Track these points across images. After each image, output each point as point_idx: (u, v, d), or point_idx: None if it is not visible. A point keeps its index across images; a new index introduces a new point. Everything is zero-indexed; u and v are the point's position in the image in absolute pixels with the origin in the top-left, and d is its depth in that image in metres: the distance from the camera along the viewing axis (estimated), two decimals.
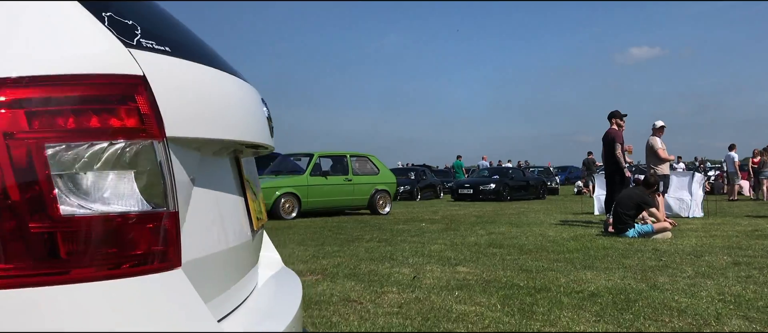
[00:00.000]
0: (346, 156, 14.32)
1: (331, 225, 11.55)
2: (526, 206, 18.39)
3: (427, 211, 16.04)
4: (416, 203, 21.08)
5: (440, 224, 11.68)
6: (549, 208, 17.08)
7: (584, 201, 21.41)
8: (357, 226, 11.44)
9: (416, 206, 18.86)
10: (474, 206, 18.54)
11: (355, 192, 14.12)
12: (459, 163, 28.00)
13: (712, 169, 32.40)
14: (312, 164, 13.55)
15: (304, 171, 13.45)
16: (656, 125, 11.58)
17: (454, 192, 22.97)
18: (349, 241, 8.73)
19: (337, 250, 7.68)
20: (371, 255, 7.12)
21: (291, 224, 11.63)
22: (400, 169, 25.63)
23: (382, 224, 11.71)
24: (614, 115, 10.90)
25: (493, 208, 17.29)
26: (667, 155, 11.40)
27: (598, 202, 14.26)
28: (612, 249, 7.61)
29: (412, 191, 23.33)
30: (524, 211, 16.05)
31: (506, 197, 22.34)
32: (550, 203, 20.27)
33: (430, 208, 17.92)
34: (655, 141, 11.37)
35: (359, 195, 14.22)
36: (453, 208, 17.52)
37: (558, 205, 18.65)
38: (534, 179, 24.37)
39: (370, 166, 14.84)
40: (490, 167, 25.69)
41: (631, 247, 7.86)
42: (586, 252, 7.32)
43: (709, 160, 41.40)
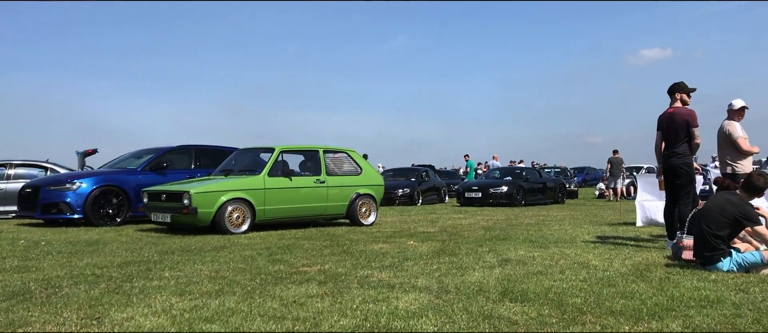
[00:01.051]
0: (318, 151, 11.06)
1: (283, 244, 8.29)
2: (544, 213, 15.06)
3: (423, 221, 12.76)
4: (415, 209, 17.77)
5: (434, 242, 8.40)
6: (575, 217, 13.72)
7: (612, 206, 18.00)
8: (317, 245, 8.18)
9: (413, 213, 15.57)
10: (482, 213, 15.24)
11: (329, 197, 10.86)
12: (470, 163, 24.83)
13: None
14: (272, 161, 10.30)
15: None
16: (734, 106, 8.20)
17: (460, 195, 19.65)
18: (277, 280, 5.44)
19: (229, 308, 4.41)
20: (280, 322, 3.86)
21: (228, 243, 8.38)
22: (399, 169, 22.36)
23: (354, 243, 8.45)
24: (680, 89, 7.59)
25: (506, 217, 13.96)
26: (750, 146, 8.02)
27: (642, 209, 10.91)
28: (714, 299, 4.30)
29: (413, 195, 20.05)
30: (544, 220, 12.72)
31: (520, 201, 18.99)
32: (573, 209, 16.92)
33: (430, 215, 14.64)
34: (734, 127, 8.00)
35: (335, 201, 10.95)
36: (457, 217, 14.21)
37: (584, 212, 15.29)
38: (551, 181, 20.99)
39: (349, 165, 11.56)
40: (502, 167, 22.33)
41: (744, 292, 4.55)
42: (674, 307, 4.02)
43: None
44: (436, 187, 21.87)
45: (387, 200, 19.86)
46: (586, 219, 13.07)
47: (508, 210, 16.79)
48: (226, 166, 10.89)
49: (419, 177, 21.09)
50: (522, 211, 16.42)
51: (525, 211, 16.43)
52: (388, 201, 19.83)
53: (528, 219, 13.18)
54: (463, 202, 19.41)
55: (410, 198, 20.01)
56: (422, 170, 21.67)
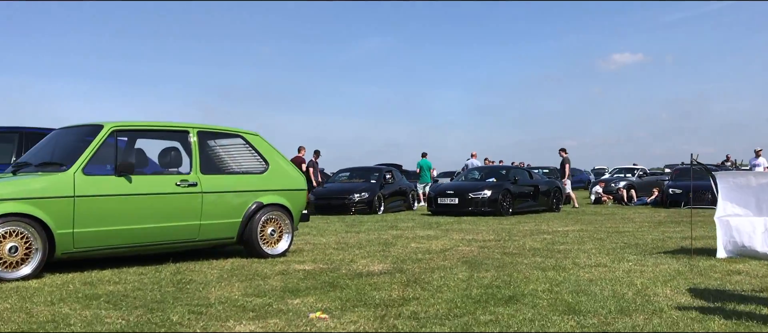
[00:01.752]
0: (187, 133, 6.54)
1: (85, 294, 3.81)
2: (545, 227, 10.76)
3: (373, 244, 8.37)
4: (371, 221, 13.33)
5: (367, 311, 4.00)
6: (594, 234, 9.36)
7: (625, 215, 13.74)
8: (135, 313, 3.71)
9: (365, 227, 11.15)
10: (461, 227, 10.89)
11: (205, 210, 6.35)
12: (426, 162, 20.37)
13: None
14: (92, 148, 5.77)
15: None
16: None
17: (431, 201, 15.30)
18: None
19: None
20: None
21: None
22: (356, 169, 17.92)
23: (197, 311, 4.01)
24: None
25: (495, 235, 9.60)
26: None
27: (727, 230, 6.58)
28: None
29: (373, 201, 15.64)
30: (553, 242, 8.38)
31: (507, 209, 14.70)
32: (579, 220, 12.64)
33: (387, 232, 10.24)
34: None
35: (216, 216, 6.46)
36: (424, 235, 9.81)
37: (597, 226, 10.99)
38: (544, 183, 16.71)
39: (246, 156, 7.04)
40: (485, 166, 17.98)
41: None
42: None
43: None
44: (402, 190, 17.48)
45: (340, 208, 15.44)
46: (613, 239, 8.78)
47: (494, 221, 12.47)
48: (28, 156, 6.32)
49: (381, 179, 16.68)
50: (513, 223, 12.11)
51: (517, 223, 12.12)
52: (342, 209, 15.41)
53: (528, 239, 8.84)
54: (436, 209, 15.07)
55: (369, 204, 15.60)
56: (385, 170, 17.26)
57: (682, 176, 18.88)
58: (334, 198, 15.74)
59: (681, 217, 13.42)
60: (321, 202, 15.78)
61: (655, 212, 15.58)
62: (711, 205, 18.09)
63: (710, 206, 18.40)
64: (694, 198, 17.80)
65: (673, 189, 17.88)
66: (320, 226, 11.64)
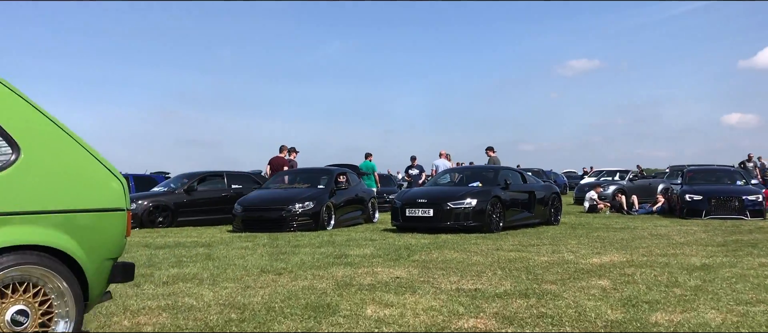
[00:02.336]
0: None
1: None
2: (570, 255, 6.87)
3: (293, 308, 4.39)
4: (315, 243, 9.32)
5: None
6: (669, 269, 5.53)
7: (647, 230, 9.93)
8: None
9: (294, 262, 7.12)
10: (442, 254, 6.98)
11: None
12: (369, 164, 16.37)
13: None
14: None
15: None
16: None
17: (397, 212, 11.37)
18: None
19: None
20: None
21: None
22: (301, 171, 13.84)
23: None
24: None
25: (501, 269, 5.68)
26: None
27: None
28: None
29: (319, 213, 11.64)
30: (621, 291, 4.53)
31: (497, 224, 10.94)
32: (598, 238, 8.85)
33: (328, 270, 6.24)
34: None
35: None
36: (389, 274, 5.83)
37: (643, 252, 7.23)
38: (541, 188, 12.95)
39: None
40: (462, 168, 13.93)
41: None
42: None
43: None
44: (359, 198, 13.51)
45: (276, 223, 11.42)
46: (722, 287, 5.02)
47: (487, 243, 8.60)
48: None
49: (332, 183, 12.66)
50: (516, 247, 8.27)
51: (522, 247, 8.29)
52: (278, 224, 11.38)
53: (574, 289, 5.00)
54: (403, 224, 11.17)
55: (315, 217, 11.60)
56: (338, 172, 13.23)
57: (698, 179, 15.43)
58: (268, 209, 11.70)
59: (739, 232, 9.82)
60: (250, 215, 11.71)
61: (680, 224, 12.01)
62: (739, 214, 14.78)
63: (738, 216, 15.10)
64: (716, 206, 14.35)
65: (691, 195, 14.36)
66: (230, 254, 7.59)
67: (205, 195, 14.02)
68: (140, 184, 16.20)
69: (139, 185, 16.10)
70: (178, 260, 7.15)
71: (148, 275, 6.00)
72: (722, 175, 15.83)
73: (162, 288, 5.33)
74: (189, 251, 8.12)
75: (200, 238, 10.21)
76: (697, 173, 15.88)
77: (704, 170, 16.62)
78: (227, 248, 8.38)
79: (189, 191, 13.74)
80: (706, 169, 17.13)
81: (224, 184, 14.42)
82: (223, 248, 8.40)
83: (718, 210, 13.92)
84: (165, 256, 7.62)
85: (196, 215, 13.66)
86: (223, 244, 8.93)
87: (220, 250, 8.12)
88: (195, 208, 13.74)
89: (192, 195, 13.74)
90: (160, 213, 13.27)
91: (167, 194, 13.73)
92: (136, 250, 8.42)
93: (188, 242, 9.37)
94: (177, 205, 13.49)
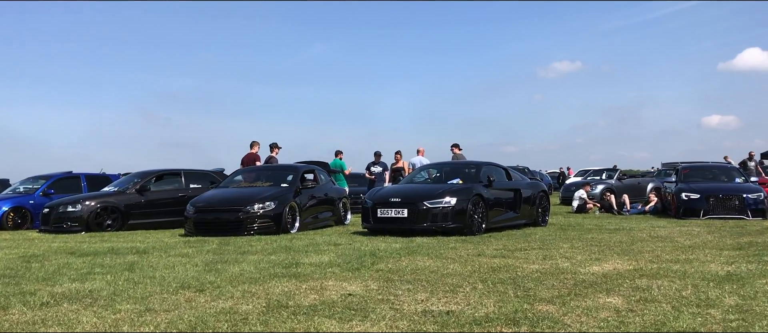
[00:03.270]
0: None
1: None
2: (564, 262, 5.55)
3: None
4: (268, 249, 7.95)
5: None
6: (686, 278, 4.26)
7: (646, 231, 8.59)
8: None
9: (233, 272, 5.75)
10: (414, 261, 5.67)
11: None
12: (340, 162, 15.22)
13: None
14: None
15: None
16: None
17: (368, 213, 10.04)
18: None
19: None
20: None
21: None
22: (260, 168, 12.46)
23: None
24: None
25: (481, 281, 4.38)
26: None
27: None
28: None
29: (281, 214, 10.29)
30: (633, 313, 3.29)
31: (479, 225, 9.69)
32: (592, 241, 7.55)
33: (269, 283, 4.90)
34: None
35: None
36: (340, 288, 4.48)
37: (651, 258, 5.96)
38: (527, 186, 11.67)
39: None
40: (439, 163, 12.57)
41: None
42: None
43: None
44: (329, 198, 12.17)
45: (232, 225, 10.07)
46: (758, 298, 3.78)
47: (467, 248, 7.30)
48: None
49: (297, 182, 11.30)
50: (500, 252, 6.98)
51: (507, 252, 7.00)
52: (235, 227, 10.03)
53: (576, 311, 3.72)
54: (375, 225, 9.86)
55: (276, 219, 10.25)
56: (304, 169, 11.87)
57: (695, 177, 14.26)
58: (223, 210, 10.32)
59: (747, 233, 8.63)
60: (203, 217, 10.34)
61: (679, 225, 10.81)
62: (739, 214, 13.62)
63: (739, 216, 13.95)
64: (715, 205, 13.19)
65: (688, 194, 13.18)
66: (160, 264, 6.21)
67: (159, 195, 12.59)
68: (94, 184, 14.68)
69: (93, 185, 14.58)
70: (89, 272, 5.78)
71: (30, 293, 4.64)
72: (719, 172, 14.68)
73: (35, 311, 3.99)
74: (114, 260, 6.74)
75: (141, 243, 8.83)
76: (693, 170, 14.71)
77: (700, 167, 15.47)
78: (162, 256, 7.02)
79: (142, 191, 12.31)
80: (702, 166, 15.97)
81: (181, 183, 13.00)
82: (157, 256, 7.03)
83: (718, 209, 12.76)
84: (79, 265, 6.25)
85: (150, 217, 12.23)
86: (160, 251, 7.56)
87: (152, 259, 6.76)
88: (148, 209, 12.30)
89: (145, 195, 12.32)
90: (108, 215, 11.84)
91: (117, 194, 12.28)
92: (54, 257, 7.03)
93: (123, 248, 7.98)
94: (128, 207, 12.06)
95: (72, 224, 11.55)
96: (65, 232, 11.39)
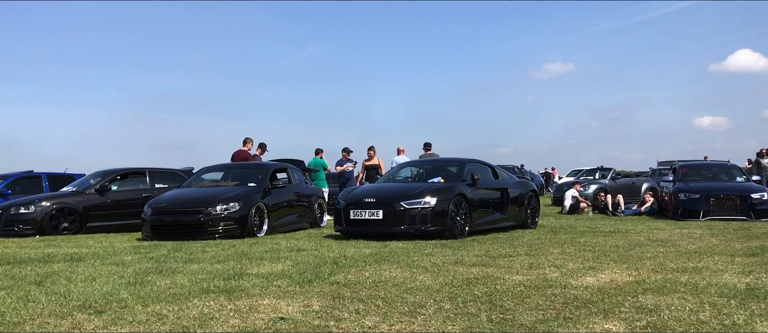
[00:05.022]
0: None
1: None
2: (554, 272, 4.57)
3: None
4: (220, 255, 6.99)
5: None
6: (700, 292, 3.34)
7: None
8: None
9: (161, 285, 4.78)
10: (380, 271, 4.71)
11: None
12: (319, 161, 14.09)
13: None
14: None
15: None
16: None
17: (340, 214, 9.10)
18: None
19: None
20: None
21: None
22: (226, 166, 11.48)
23: None
24: None
25: (452, 301, 3.45)
26: None
27: None
28: None
29: (247, 217, 9.33)
30: None
31: (462, 227, 8.77)
32: (586, 245, 6.61)
33: (199, 299, 3.94)
34: None
35: None
36: (284, 307, 3.54)
37: (654, 267, 5.02)
38: (515, 185, 10.74)
39: None
40: (426, 160, 11.61)
41: None
42: None
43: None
44: (302, 199, 11.22)
45: (194, 228, 9.13)
46: None
47: (445, 254, 6.36)
48: None
49: (267, 181, 10.34)
50: (482, 259, 6.05)
51: (489, 259, 6.06)
52: (196, 230, 9.08)
53: None
54: (348, 228, 8.93)
55: (241, 222, 9.29)
56: (274, 167, 10.92)
57: (693, 176, 13.38)
58: (183, 212, 9.37)
59: (754, 236, 7.73)
60: (161, 219, 9.38)
61: (679, 227, 9.92)
62: (742, 215, 12.72)
63: (741, 217, 13.05)
64: (716, 206, 12.30)
65: (687, 194, 12.29)
66: (80, 276, 5.25)
67: (121, 196, 11.61)
68: (56, 184, 13.66)
69: (55, 185, 13.56)
70: None
71: None
72: (718, 170, 13.80)
73: None
74: (34, 269, 5.78)
75: (87, 249, 7.86)
76: (691, 169, 13.82)
77: (699, 166, 14.58)
78: (95, 265, 6.06)
79: (102, 191, 11.33)
80: (701, 164, 15.09)
81: (146, 182, 12.02)
82: (88, 265, 6.08)
83: (718, 210, 11.87)
84: None
85: (111, 219, 11.24)
86: (97, 259, 6.60)
87: (80, 268, 5.80)
88: (109, 211, 11.31)
89: (106, 196, 11.33)
90: (65, 217, 10.85)
91: (76, 195, 11.29)
92: None
93: (59, 255, 7.01)
94: (87, 208, 11.07)
95: (24, 227, 10.53)
96: (17, 235, 10.39)
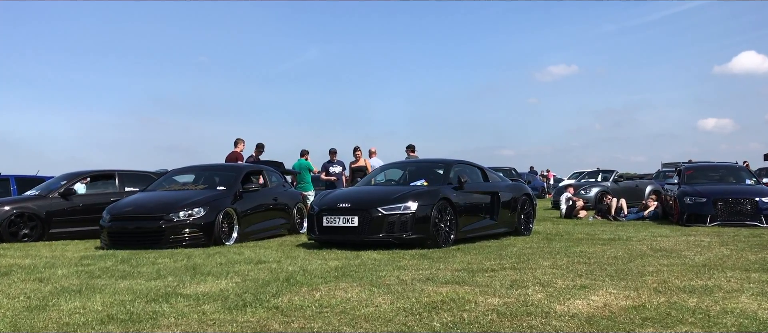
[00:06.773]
0: None
1: None
2: (540, 295, 3.81)
3: None
4: (166, 269, 6.19)
5: None
6: None
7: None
8: None
9: (62, 310, 4.04)
10: (324, 294, 3.89)
11: None
12: (305, 163, 13.12)
13: None
14: None
15: None
16: None
17: (313, 222, 8.28)
18: None
19: None
20: None
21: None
22: (199, 168, 10.65)
23: None
24: None
25: None
26: None
27: None
28: None
29: (213, 223, 8.53)
30: None
31: (447, 235, 7.95)
32: (589, 257, 5.76)
33: None
34: None
35: None
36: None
37: (663, 291, 4.22)
38: (506, 189, 9.90)
39: None
40: (409, 161, 10.69)
41: None
42: None
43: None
44: (279, 203, 10.41)
45: (154, 236, 8.33)
46: None
47: (418, 266, 5.55)
48: None
49: (238, 184, 9.52)
50: (459, 274, 5.22)
51: (468, 273, 5.24)
52: (157, 238, 8.28)
53: None
54: (319, 236, 8.11)
55: (206, 229, 8.49)
56: (247, 170, 10.11)
57: (699, 178, 12.51)
58: (143, 218, 8.58)
59: (764, 243, 6.86)
60: (119, 226, 8.60)
61: (684, 234, 9.07)
62: (752, 220, 11.74)
63: (752, 222, 12.12)
64: (724, 210, 11.43)
65: (693, 198, 11.43)
66: None
67: (88, 200, 10.83)
68: (25, 188, 12.89)
69: (24, 189, 12.78)
70: None
71: None
72: (726, 172, 12.92)
73: None
74: None
75: (31, 259, 7.08)
76: (697, 171, 12.94)
77: (705, 167, 13.69)
78: (12, 281, 5.28)
79: (67, 195, 10.56)
80: (708, 165, 14.20)
81: (115, 186, 11.24)
82: (10, 280, 5.29)
83: (727, 215, 11.01)
84: None
85: (76, 225, 10.46)
86: (25, 272, 5.81)
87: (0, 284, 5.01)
88: (74, 216, 10.54)
89: (71, 200, 10.56)
90: (25, 223, 10.08)
91: (38, 199, 10.52)
92: None
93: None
94: (50, 214, 10.30)
95: None
96: None
